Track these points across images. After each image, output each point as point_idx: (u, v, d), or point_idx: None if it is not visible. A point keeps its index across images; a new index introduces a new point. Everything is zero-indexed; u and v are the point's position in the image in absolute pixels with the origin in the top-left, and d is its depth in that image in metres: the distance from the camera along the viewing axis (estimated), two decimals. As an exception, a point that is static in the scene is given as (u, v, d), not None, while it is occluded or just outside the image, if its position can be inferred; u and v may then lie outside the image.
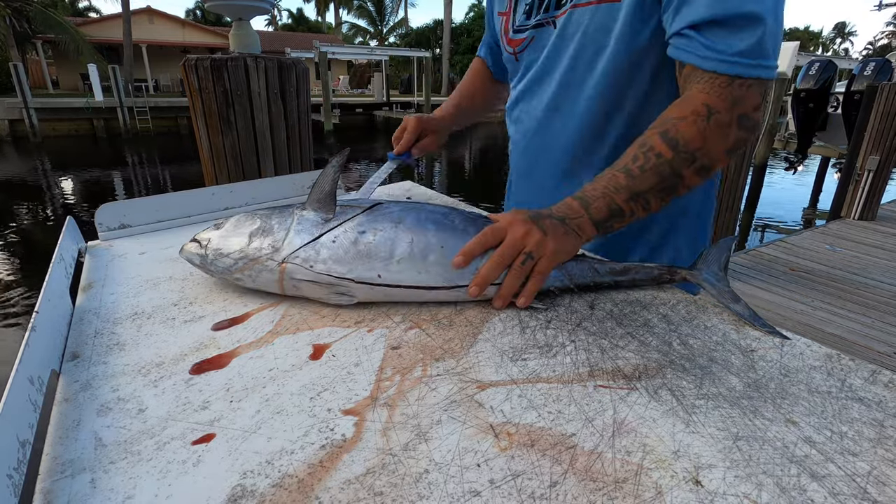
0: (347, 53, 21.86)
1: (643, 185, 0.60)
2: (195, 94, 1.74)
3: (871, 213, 4.94)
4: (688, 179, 0.62)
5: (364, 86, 27.64)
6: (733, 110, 0.60)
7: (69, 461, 0.36)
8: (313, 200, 0.62)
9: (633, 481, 0.34)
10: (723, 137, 0.60)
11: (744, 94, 0.60)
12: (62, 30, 17.99)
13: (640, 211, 0.62)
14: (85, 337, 0.52)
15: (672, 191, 0.62)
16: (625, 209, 0.61)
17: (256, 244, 0.59)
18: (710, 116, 0.60)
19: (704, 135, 0.60)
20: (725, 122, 0.60)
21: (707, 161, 0.61)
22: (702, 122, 0.60)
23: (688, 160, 0.60)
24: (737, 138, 0.61)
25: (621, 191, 0.61)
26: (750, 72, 0.59)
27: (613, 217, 0.61)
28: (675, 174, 0.61)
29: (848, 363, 0.49)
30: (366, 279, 0.57)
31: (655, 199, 0.62)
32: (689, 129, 0.60)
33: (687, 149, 0.60)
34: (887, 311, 3.13)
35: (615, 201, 0.61)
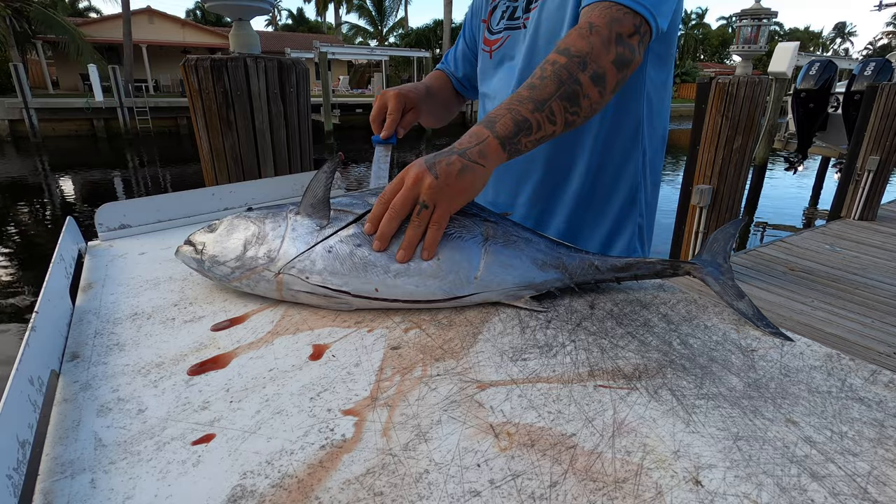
0: (347, 53, 21.87)
1: (545, 92, 0.61)
2: (195, 95, 1.74)
3: (872, 214, 4.94)
4: (586, 87, 0.63)
5: (364, 86, 27.65)
6: (611, 27, 0.65)
7: (69, 461, 0.36)
8: (307, 205, 0.61)
9: (633, 481, 0.34)
10: (605, 47, 0.65)
11: (620, 17, 0.66)
12: (62, 30, 17.99)
13: (546, 123, 0.62)
14: (85, 337, 0.52)
15: (574, 99, 0.63)
16: (531, 120, 0.61)
17: (252, 253, 0.58)
18: (592, 28, 0.66)
19: (589, 42, 0.64)
20: (605, 35, 0.65)
21: (597, 68, 0.64)
22: (585, 32, 0.66)
23: (580, 64, 0.63)
24: (618, 52, 0.65)
25: (525, 102, 0.61)
26: (629, 2, 0.67)
27: (521, 131, 0.60)
28: (573, 79, 0.62)
29: (848, 363, 0.49)
30: (363, 293, 0.56)
31: (559, 109, 0.62)
32: (576, 39, 0.65)
33: (578, 53, 0.64)
34: (887, 312, 3.13)
35: (520, 113, 0.60)
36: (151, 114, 16.31)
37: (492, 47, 0.95)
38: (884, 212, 5.16)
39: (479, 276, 0.58)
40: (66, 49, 18.43)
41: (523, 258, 0.61)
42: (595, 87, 0.64)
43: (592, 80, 0.64)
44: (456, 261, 0.58)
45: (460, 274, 0.58)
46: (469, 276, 0.58)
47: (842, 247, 4.25)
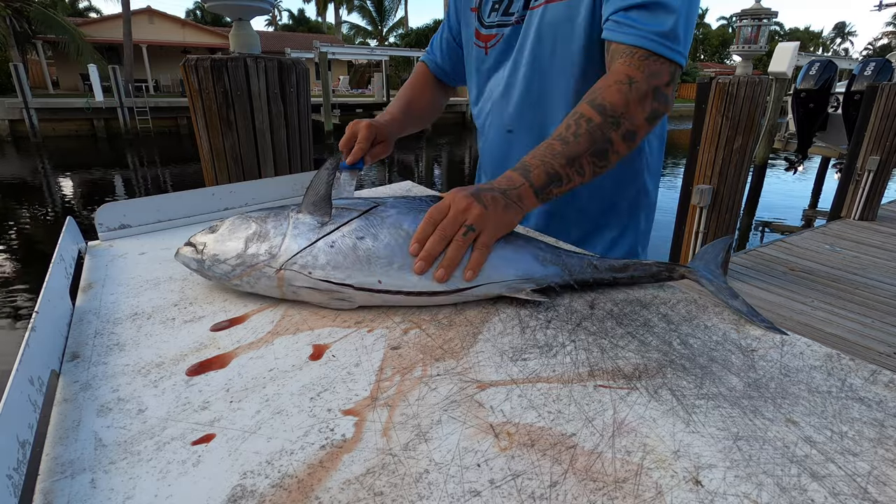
0: (347, 53, 21.87)
1: (577, 149, 0.66)
2: (195, 95, 1.74)
3: (872, 214, 4.94)
4: (616, 144, 0.67)
5: (364, 86, 27.65)
6: (650, 81, 0.68)
7: (69, 461, 0.36)
8: (308, 203, 0.62)
9: (633, 481, 0.34)
10: (641, 104, 0.68)
11: (658, 70, 0.69)
12: (62, 30, 17.99)
13: (575, 176, 0.66)
14: (85, 337, 0.52)
15: (603, 155, 0.67)
16: (562, 174, 0.65)
17: (253, 250, 0.58)
18: (631, 84, 0.68)
19: (627, 100, 0.67)
20: (643, 90, 0.68)
21: (631, 126, 0.68)
22: (624, 89, 0.67)
23: (614, 124, 0.66)
24: (653, 108, 0.69)
25: (558, 156, 0.65)
26: (664, 51, 0.69)
27: (552, 182, 0.65)
28: (605, 138, 0.66)
29: (848, 363, 0.49)
30: (366, 285, 0.56)
31: (588, 164, 0.67)
32: (614, 96, 0.67)
33: (613, 113, 0.66)
34: (887, 312, 3.13)
35: (553, 167, 0.65)
36: (151, 114, 16.32)
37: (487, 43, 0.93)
38: (884, 212, 5.16)
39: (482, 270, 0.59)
40: (66, 49, 18.44)
41: (524, 253, 0.62)
42: (624, 143, 0.68)
43: (623, 137, 0.68)
44: None
45: (462, 266, 0.58)
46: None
47: (842, 247, 4.25)
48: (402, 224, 0.60)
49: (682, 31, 0.70)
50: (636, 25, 0.69)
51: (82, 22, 23.43)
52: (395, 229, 0.59)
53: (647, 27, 0.69)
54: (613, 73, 0.70)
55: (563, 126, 0.68)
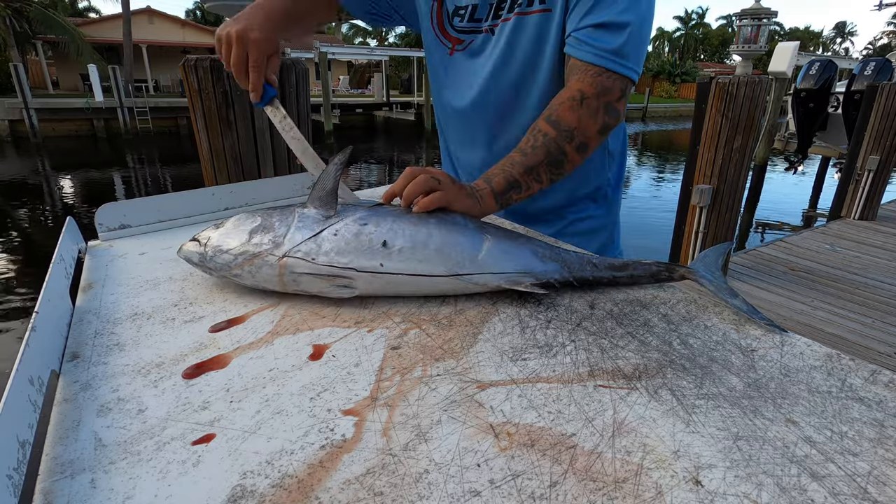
0: (347, 53, 21.88)
1: (534, 160, 0.73)
2: (195, 95, 1.74)
3: (872, 213, 4.94)
4: (570, 155, 0.75)
5: (364, 86, 27.64)
6: (601, 97, 0.74)
7: (69, 461, 0.36)
8: (315, 198, 0.62)
9: (633, 481, 0.34)
10: (593, 119, 0.74)
11: (610, 86, 0.75)
12: (62, 30, 17.99)
13: (533, 183, 0.74)
14: (85, 337, 0.52)
15: (559, 165, 0.75)
16: (521, 181, 0.72)
17: (257, 240, 0.59)
18: (583, 101, 0.74)
19: (579, 116, 0.74)
20: (594, 106, 0.74)
21: (583, 139, 0.75)
22: (576, 106, 0.74)
23: (567, 137, 0.74)
24: (604, 122, 0.76)
25: (517, 166, 0.73)
26: (615, 67, 0.75)
27: (511, 189, 0.72)
28: (560, 150, 0.74)
29: (848, 363, 0.49)
30: (368, 268, 0.57)
31: (545, 173, 0.74)
32: (567, 112, 0.74)
33: (567, 128, 0.74)
34: (887, 312, 3.13)
35: (513, 175, 0.72)
36: (151, 114, 16.32)
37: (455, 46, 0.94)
38: (884, 211, 5.16)
39: (480, 257, 0.60)
40: (66, 49, 18.44)
41: (524, 249, 0.63)
42: (578, 154, 0.76)
43: (577, 149, 0.75)
44: (459, 242, 0.60)
45: (463, 253, 0.59)
46: (471, 257, 0.59)
47: (842, 247, 4.25)
48: (404, 214, 0.62)
49: (632, 48, 0.75)
50: (591, 43, 0.75)
51: (82, 22, 23.43)
52: (397, 218, 0.61)
53: (600, 44, 0.74)
54: (568, 88, 0.76)
55: (523, 140, 0.76)
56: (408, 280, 0.58)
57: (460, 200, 0.66)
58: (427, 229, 0.60)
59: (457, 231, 0.61)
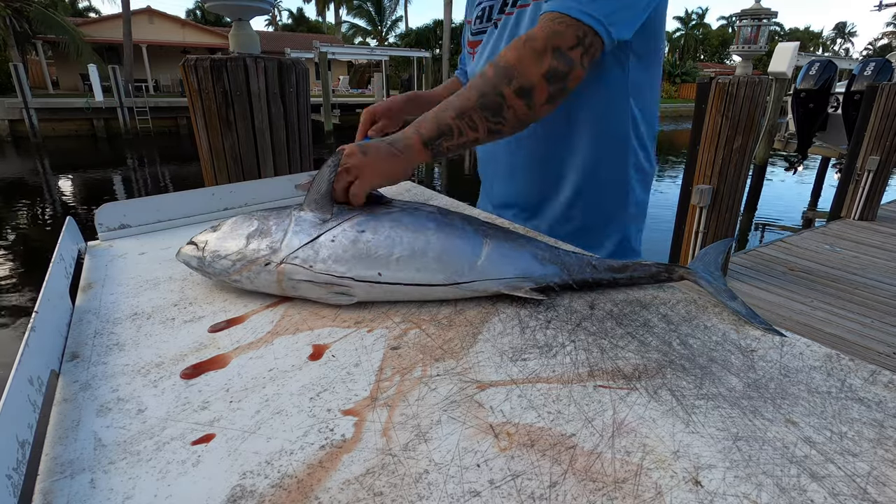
0: (347, 53, 21.86)
1: (466, 102, 0.67)
2: (195, 95, 1.74)
3: (871, 214, 4.94)
4: (510, 100, 0.67)
5: (364, 86, 27.64)
6: (550, 40, 0.67)
7: (69, 461, 0.36)
8: (310, 201, 0.62)
9: (633, 481, 0.34)
10: (536, 60, 0.66)
11: (562, 30, 0.67)
12: (62, 30, 17.98)
13: (467, 130, 0.67)
14: (85, 337, 0.52)
15: (496, 110, 0.67)
16: (452, 126, 0.66)
17: (254, 245, 0.59)
18: (527, 41, 0.67)
19: (519, 55, 0.67)
20: (539, 48, 0.66)
21: (524, 81, 0.66)
22: (519, 44, 0.68)
23: (505, 77, 0.66)
24: (551, 66, 0.67)
25: (449, 109, 0.67)
26: (573, 12, 0.67)
27: (442, 135, 0.66)
28: (497, 92, 0.66)
29: (848, 363, 0.49)
30: (366, 277, 0.57)
31: (481, 119, 0.67)
32: (507, 51, 0.68)
33: (505, 67, 0.67)
34: (887, 312, 3.13)
35: (444, 119, 0.66)
36: (151, 114, 16.31)
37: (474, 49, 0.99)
38: (884, 212, 5.16)
39: (479, 263, 0.59)
40: (66, 49, 18.43)
41: (523, 252, 0.63)
42: (520, 100, 0.67)
43: (517, 93, 0.67)
44: (458, 248, 0.60)
45: (462, 261, 0.59)
46: (470, 264, 0.59)
47: (842, 247, 4.25)
48: (402, 219, 0.61)
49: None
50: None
51: (82, 22, 23.42)
52: (395, 223, 0.60)
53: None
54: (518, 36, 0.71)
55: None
56: (407, 289, 0.58)
57: (380, 173, 0.64)
58: (425, 236, 0.59)
59: (455, 236, 0.61)
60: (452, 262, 0.59)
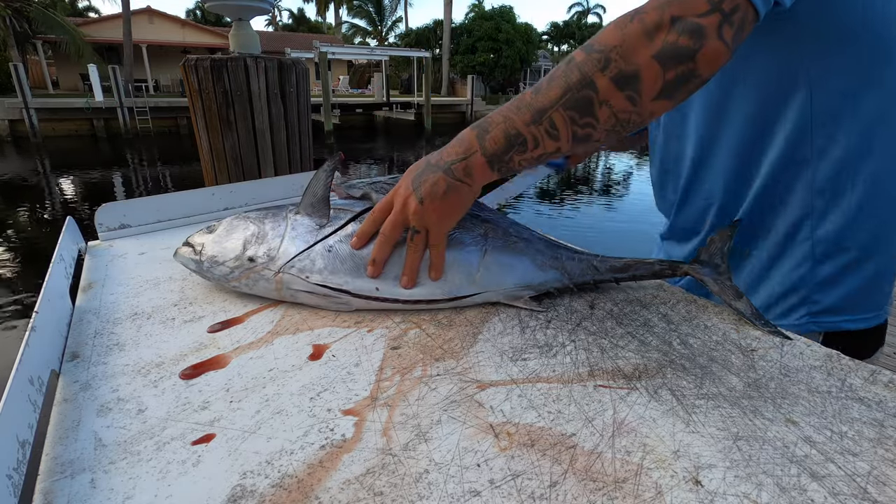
0: (347, 53, 21.87)
1: (547, 98, 0.48)
2: (195, 95, 1.74)
3: (871, 213, 4.94)
4: (604, 91, 0.47)
5: (364, 86, 27.66)
6: (665, 9, 0.46)
7: (69, 461, 0.36)
8: (307, 205, 0.61)
9: (633, 481, 0.34)
10: (646, 37, 0.46)
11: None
12: (62, 30, 18.00)
13: (545, 139, 0.49)
14: (85, 337, 0.52)
15: (585, 107, 0.47)
16: (526, 135, 0.49)
17: (251, 252, 0.58)
18: (635, 15, 0.47)
19: (623, 33, 0.46)
20: (652, 21, 0.46)
21: (626, 66, 0.46)
22: (623, 21, 0.47)
23: (600, 61, 0.46)
24: (667, 42, 0.45)
25: (524, 110, 0.49)
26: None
27: (512, 147, 0.49)
28: (586, 81, 0.47)
29: (848, 363, 0.49)
30: (363, 292, 0.56)
31: (563, 121, 0.48)
32: (606, 31, 0.48)
33: (601, 48, 0.47)
34: (887, 311, 3.12)
35: (515, 125, 0.49)
36: (151, 114, 16.32)
37: None
38: (884, 212, 5.16)
39: (478, 277, 0.58)
40: (66, 49, 18.44)
41: (523, 259, 0.61)
42: (621, 93, 0.47)
43: (615, 82, 0.46)
44: (456, 262, 0.58)
45: (460, 275, 0.58)
46: (469, 278, 0.58)
47: (842, 247, 4.24)
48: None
49: None
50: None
51: (82, 22, 23.44)
52: None
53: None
54: None
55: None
56: (405, 306, 0.57)
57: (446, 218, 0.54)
58: None
59: (453, 248, 0.59)
60: (451, 276, 0.57)
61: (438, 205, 0.52)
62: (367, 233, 0.56)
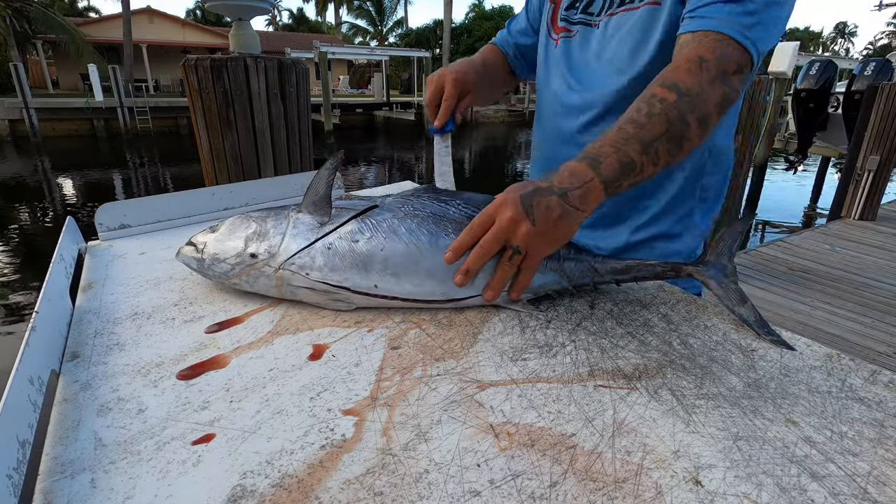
0: (347, 53, 21.88)
1: (652, 132, 0.57)
2: (195, 95, 1.74)
3: (872, 214, 4.94)
4: (692, 129, 0.59)
5: (364, 86, 27.65)
6: (720, 64, 0.61)
7: (69, 461, 0.36)
8: (308, 203, 0.62)
9: (633, 481, 0.34)
10: (712, 87, 0.60)
11: (728, 53, 0.61)
12: (62, 30, 17.99)
13: (649, 165, 0.58)
14: (85, 337, 0.52)
15: (679, 140, 0.59)
16: (637, 162, 0.56)
17: (252, 249, 0.58)
18: (702, 64, 0.60)
19: (699, 80, 0.59)
20: (714, 73, 0.60)
21: (704, 110, 0.59)
22: (695, 68, 0.60)
23: (690, 105, 0.58)
24: (723, 93, 0.61)
25: (632, 141, 0.56)
26: (737, 35, 0.61)
27: (625, 174, 0.56)
28: (682, 120, 0.58)
29: (848, 363, 0.49)
30: (362, 289, 0.56)
31: (664, 151, 0.58)
32: (686, 75, 0.60)
33: (688, 92, 0.59)
34: (887, 311, 3.12)
35: (628, 154, 0.56)
36: (151, 113, 16.31)
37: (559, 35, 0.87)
38: (884, 212, 5.16)
39: (475, 280, 0.57)
40: (66, 49, 18.44)
41: None
42: (698, 130, 0.60)
43: (699, 121, 0.59)
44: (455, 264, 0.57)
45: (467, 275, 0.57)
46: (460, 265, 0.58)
47: (842, 247, 4.25)
48: (398, 229, 0.59)
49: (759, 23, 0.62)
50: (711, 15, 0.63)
51: (82, 22, 23.43)
52: (391, 234, 0.58)
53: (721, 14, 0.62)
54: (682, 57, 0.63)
55: (633, 109, 0.60)
56: (404, 304, 0.58)
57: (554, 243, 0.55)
58: (419, 250, 0.58)
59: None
60: (449, 280, 0.57)
61: (550, 229, 0.53)
62: (465, 245, 0.55)
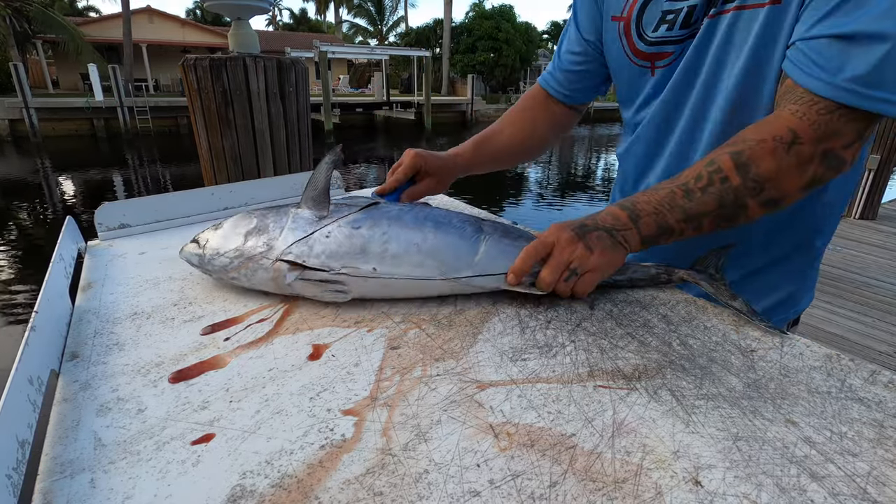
0: (347, 53, 21.86)
1: (700, 208, 0.56)
2: (194, 94, 1.74)
3: (872, 213, 4.94)
4: (752, 210, 0.56)
5: (364, 85, 27.65)
6: (820, 144, 0.52)
7: (68, 461, 0.36)
8: (308, 198, 0.62)
9: (633, 481, 0.34)
10: (799, 172, 0.54)
11: (840, 128, 0.52)
12: (62, 30, 17.99)
13: (690, 231, 0.58)
14: (84, 337, 0.52)
15: (731, 219, 0.57)
16: (675, 228, 0.58)
17: (252, 243, 0.59)
18: (792, 146, 0.53)
19: (779, 165, 0.53)
20: (807, 155, 0.53)
21: (776, 194, 0.55)
22: (781, 151, 0.53)
23: (755, 190, 0.55)
24: (814, 175, 0.54)
25: (676, 210, 0.57)
26: (858, 101, 0.51)
27: (662, 235, 0.59)
28: (739, 203, 0.56)
29: (848, 363, 0.49)
30: (361, 272, 0.57)
31: (710, 224, 0.58)
32: (764, 157, 0.54)
33: (757, 178, 0.54)
34: (887, 311, 3.12)
35: (666, 220, 0.58)
36: (151, 113, 16.30)
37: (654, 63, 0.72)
38: (884, 211, 5.16)
39: (477, 259, 0.59)
40: (65, 49, 18.43)
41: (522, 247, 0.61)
42: (762, 209, 0.56)
43: (763, 204, 0.56)
44: (455, 244, 0.59)
45: (459, 257, 0.59)
46: (468, 260, 0.59)
47: (842, 246, 4.25)
48: (400, 217, 0.61)
49: (892, 72, 0.49)
50: (823, 64, 0.52)
51: (82, 21, 23.42)
52: (392, 221, 0.60)
53: (835, 67, 0.51)
54: (775, 121, 0.55)
55: (693, 172, 0.57)
56: (403, 284, 0.58)
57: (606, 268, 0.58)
58: (422, 233, 0.59)
59: (453, 233, 0.60)
60: (449, 259, 0.58)
61: (604, 255, 0.57)
62: (524, 271, 0.58)
